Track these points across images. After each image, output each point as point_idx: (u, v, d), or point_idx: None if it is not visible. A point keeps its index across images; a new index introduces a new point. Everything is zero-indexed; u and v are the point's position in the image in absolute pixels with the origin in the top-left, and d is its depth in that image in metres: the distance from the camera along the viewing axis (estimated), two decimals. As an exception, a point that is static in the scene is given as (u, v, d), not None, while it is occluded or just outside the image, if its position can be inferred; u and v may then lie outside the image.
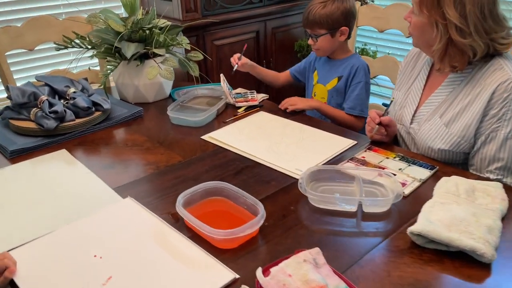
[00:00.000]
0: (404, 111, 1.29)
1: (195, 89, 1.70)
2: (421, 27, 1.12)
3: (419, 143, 1.22)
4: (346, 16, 1.50)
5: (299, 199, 1.02)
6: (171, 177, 1.13)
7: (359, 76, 1.54)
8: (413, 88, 1.29)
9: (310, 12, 1.50)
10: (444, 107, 1.17)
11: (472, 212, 0.89)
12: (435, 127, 1.17)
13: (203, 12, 2.44)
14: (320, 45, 1.53)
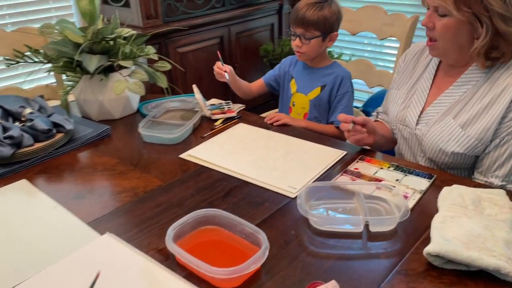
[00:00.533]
0: (408, 111, 1.23)
1: (166, 102, 1.58)
2: (456, 27, 1.04)
3: (428, 145, 1.16)
4: (339, 22, 1.45)
5: (298, 221, 0.93)
6: (153, 204, 1.02)
7: (346, 87, 1.48)
8: (417, 87, 1.23)
9: (306, 11, 1.41)
10: (457, 108, 1.12)
11: (485, 224, 0.84)
12: (448, 128, 1.12)
13: (164, 19, 2.31)
14: (309, 48, 1.45)
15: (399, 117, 1.25)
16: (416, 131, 1.20)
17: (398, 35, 1.62)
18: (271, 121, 1.42)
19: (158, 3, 2.25)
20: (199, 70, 2.55)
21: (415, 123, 1.20)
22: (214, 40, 2.60)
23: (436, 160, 1.16)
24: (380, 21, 1.66)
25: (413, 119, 1.21)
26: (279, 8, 2.92)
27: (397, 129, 1.27)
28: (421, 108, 1.20)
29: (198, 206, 1.00)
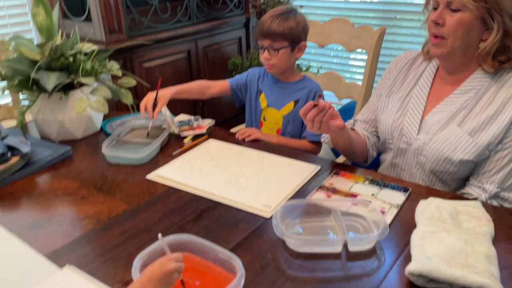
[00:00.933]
0: (405, 120, 1.19)
1: (131, 120, 1.51)
2: (469, 23, 1.02)
3: (431, 155, 1.11)
4: (306, 33, 1.43)
5: (274, 242, 0.89)
6: (118, 231, 0.94)
7: None
8: (413, 95, 1.20)
9: (272, 22, 1.37)
10: (461, 115, 1.09)
11: (464, 239, 0.83)
12: (454, 136, 1.08)
13: (128, 33, 2.24)
14: (278, 59, 1.42)
15: (395, 127, 1.20)
16: (416, 141, 1.15)
17: (366, 47, 1.62)
18: (243, 137, 1.37)
19: (121, 17, 2.18)
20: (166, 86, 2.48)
21: (415, 132, 1.16)
22: (181, 54, 2.54)
23: (439, 170, 1.12)
24: (348, 33, 1.66)
25: (412, 128, 1.16)
26: (246, 21, 2.90)
27: (392, 139, 1.22)
28: (420, 117, 1.17)
29: (168, 231, 0.94)
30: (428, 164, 1.13)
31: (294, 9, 1.42)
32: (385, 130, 1.22)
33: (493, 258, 0.79)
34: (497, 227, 0.89)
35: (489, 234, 0.85)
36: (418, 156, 1.15)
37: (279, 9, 1.40)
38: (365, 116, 1.32)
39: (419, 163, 1.15)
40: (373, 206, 0.95)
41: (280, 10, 1.40)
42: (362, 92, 1.64)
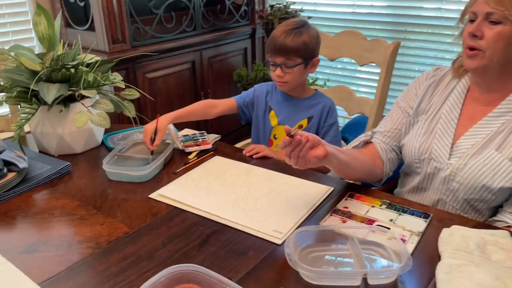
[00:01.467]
0: (434, 143, 1.11)
1: (133, 133, 1.45)
2: (510, 36, 0.95)
3: (466, 181, 1.04)
4: (318, 46, 1.36)
5: (287, 273, 0.82)
6: (118, 257, 0.88)
7: (333, 117, 1.39)
8: (441, 116, 1.12)
9: (286, 38, 1.30)
10: (499, 139, 1.02)
11: (495, 274, 0.76)
12: (493, 162, 1.01)
13: (132, 43, 2.19)
14: (291, 77, 1.35)
15: (423, 150, 1.13)
16: (448, 166, 1.07)
17: (379, 61, 1.56)
18: (250, 154, 1.31)
19: (125, 26, 2.14)
20: (170, 97, 2.44)
21: (446, 156, 1.08)
22: (185, 65, 2.49)
23: (475, 198, 1.04)
24: (360, 47, 1.61)
25: (443, 152, 1.08)
26: (252, 32, 2.86)
27: (419, 163, 1.14)
28: (451, 140, 1.09)
29: (171, 258, 0.87)
30: (462, 191, 1.05)
31: (306, 22, 1.36)
32: (412, 153, 1.14)
33: (529, 297, 0.72)
34: (528, 259, 0.82)
35: (522, 269, 0.78)
36: (450, 183, 1.07)
37: (291, 23, 1.34)
38: (385, 129, 1.21)
39: (451, 189, 1.07)
40: (393, 234, 0.88)
41: (292, 24, 1.33)
42: (374, 107, 1.58)
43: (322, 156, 0.93)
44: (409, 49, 2.56)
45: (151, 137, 1.27)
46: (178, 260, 0.86)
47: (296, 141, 0.90)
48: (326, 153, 0.94)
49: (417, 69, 2.57)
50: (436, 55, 2.48)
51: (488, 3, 0.95)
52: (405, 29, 2.55)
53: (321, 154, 0.93)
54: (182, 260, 0.86)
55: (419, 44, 2.53)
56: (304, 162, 0.93)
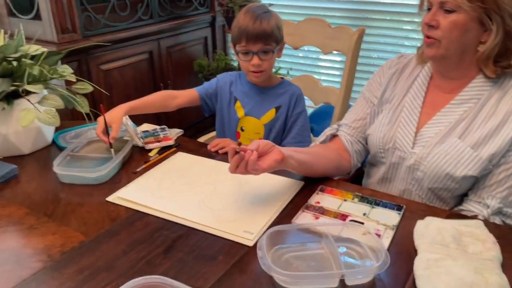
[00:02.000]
0: (398, 132, 1.09)
1: (88, 130, 1.34)
2: (464, 24, 0.94)
3: (429, 170, 1.02)
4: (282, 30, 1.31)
5: (260, 278, 0.77)
6: (74, 270, 0.79)
7: (301, 105, 1.34)
8: (404, 105, 1.10)
9: (261, 23, 1.23)
10: (461, 127, 1.01)
11: (473, 267, 0.74)
12: (456, 150, 0.99)
13: (83, 33, 2.05)
14: (269, 64, 1.29)
15: (387, 139, 1.10)
16: (412, 155, 1.05)
17: (344, 49, 1.53)
18: (216, 149, 1.24)
19: (75, 15, 1.99)
20: (127, 90, 2.31)
21: (410, 146, 1.06)
22: (142, 55, 2.37)
23: (439, 187, 1.03)
24: (324, 35, 1.57)
25: (407, 141, 1.07)
26: (212, 20, 2.76)
27: (384, 153, 1.12)
28: (415, 129, 1.07)
29: (134, 268, 0.80)
30: (426, 180, 1.04)
31: (266, 6, 1.31)
32: (377, 143, 1.12)
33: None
34: (502, 249, 0.81)
35: (498, 260, 0.77)
36: (414, 172, 1.05)
37: (255, 8, 1.26)
38: (351, 121, 1.19)
39: (416, 179, 1.06)
40: (367, 229, 0.85)
41: (257, 8, 1.26)
42: (340, 96, 1.55)
43: (279, 160, 0.92)
44: (369, 37, 2.56)
45: (103, 129, 1.17)
46: (141, 270, 0.79)
47: (241, 156, 0.89)
48: (282, 157, 0.93)
49: (376, 56, 2.58)
50: (396, 42, 2.48)
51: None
52: (366, 17, 2.54)
53: (277, 158, 0.92)
54: (146, 270, 0.79)
55: (380, 31, 2.53)
56: (257, 171, 0.91)
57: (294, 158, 0.99)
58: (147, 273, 0.77)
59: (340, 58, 2.67)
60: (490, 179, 0.98)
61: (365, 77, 2.49)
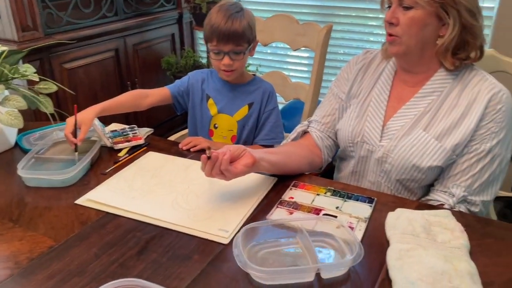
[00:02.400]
0: (366, 126, 1.11)
1: (53, 131, 1.30)
2: (422, 20, 0.97)
3: (397, 162, 1.05)
4: (255, 29, 1.30)
5: (236, 275, 0.77)
6: (43, 276, 0.77)
7: (273, 102, 1.35)
8: (371, 99, 1.12)
9: (232, 23, 1.21)
10: (425, 119, 1.03)
11: (443, 256, 0.77)
12: (421, 142, 1.02)
13: (45, 30, 1.98)
14: (241, 63, 1.28)
15: (355, 133, 1.12)
16: (380, 148, 1.08)
17: (312, 45, 1.54)
18: (188, 147, 1.23)
19: (36, 12, 1.91)
20: (92, 88, 2.25)
21: (378, 139, 1.08)
22: (108, 53, 2.31)
23: (406, 178, 1.06)
24: (293, 31, 1.58)
25: (374, 135, 1.09)
26: (179, 17, 2.72)
27: (353, 146, 1.13)
28: (382, 122, 1.09)
29: (106, 271, 0.78)
30: (394, 172, 1.06)
31: (239, 4, 1.29)
32: (346, 137, 1.14)
33: (476, 275, 0.73)
34: (469, 237, 0.84)
35: (466, 247, 0.80)
36: (383, 164, 1.08)
37: (228, 7, 1.25)
38: (320, 117, 1.21)
39: (384, 171, 1.08)
40: (340, 222, 0.86)
41: (230, 7, 1.25)
42: (310, 92, 1.56)
43: (250, 164, 0.94)
44: (336, 33, 2.59)
45: (73, 130, 1.13)
46: (114, 273, 0.77)
47: (213, 159, 0.90)
48: (254, 161, 0.95)
49: (342, 52, 2.62)
50: (361, 38, 2.53)
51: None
52: (332, 13, 2.57)
53: (249, 162, 0.94)
54: (119, 273, 0.77)
55: (346, 27, 2.57)
56: (230, 174, 0.93)
57: (265, 160, 1.00)
58: (120, 276, 0.76)
59: (308, 54, 2.70)
60: (455, 169, 1.01)
61: (333, 72, 2.52)
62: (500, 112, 0.98)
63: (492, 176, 1.00)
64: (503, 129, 0.99)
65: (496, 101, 0.98)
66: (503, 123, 0.99)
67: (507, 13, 1.99)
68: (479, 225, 0.90)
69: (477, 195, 1.00)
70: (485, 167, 0.99)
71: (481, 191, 1.01)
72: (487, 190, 1.01)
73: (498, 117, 0.98)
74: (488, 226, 0.91)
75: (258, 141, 1.34)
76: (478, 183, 1.00)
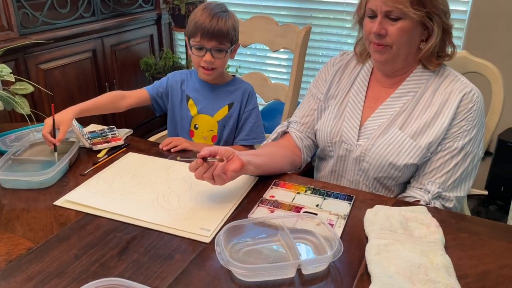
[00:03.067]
0: (344, 126, 1.13)
1: (29, 133, 1.28)
2: (411, 29, 1.00)
3: (375, 161, 1.07)
4: (238, 31, 1.31)
5: (218, 273, 0.77)
6: (22, 278, 0.76)
7: (252, 102, 1.36)
8: (349, 100, 1.14)
9: (218, 21, 1.22)
10: (401, 119, 1.06)
11: (420, 250, 0.79)
12: (397, 140, 1.05)
13: (20, 31, 1.94)
14: (221, 62, 1.29)
15: (334, 133, 1.14)
16: (357, 147, 1.10)
17: (291, 46, 1.56)
18: (168, 147, 1.23)
19: (10, 12, 1.87)
20: (69, 89, 2.22)
21: (355, 138, 1.11)
22: (85, 53, 2.28)
23: (383, 176, 1.08)
24: (272, 32, 1.59)
25: (352, 135, 1.11)
26: (157, 18, 2.71)
27: (332, 146, 1.15)
28: (359, 122, 1.11)
29: (87, 272, 0.77)
30: (371, 170, 1.09)
31: (225, 5, 1.30)
32: (324, 137, 1.16)
33: (451, 268, 0.76)
34: (444, 232, 0.86)
35: (441, 242, 0.83)
36: (361, 163, 1.10)
37: (215, 6, 1.27)
38: (299, 117, 1.23)
39: (362, 169, 1.11)
40: (320, 219, 0.88)
41: (217, 7, 1.26)
42: (290, 93, 1.58)
43: (239, 169, 0.95)
44: (315, 35, 2.63)
45: (51, 130, 1.12)
46: (95, 274, 0.77)
47: (210, 163, 0.92)
48: (242, 164, 0.95)
49: (321, 54, 2.66)
50: (339, 40, 2.57)
51: (386, 2, 0.99)
52: (311, 15, 2.61)
53: (237, 167, 0.95)
54: (100, 273, 0.77)
55: (324, 29, 2.60)
56: (222, 180, 0.93)
57: (252, 163, 1.01)
58: (101, 276, 0.75)
59: (287, 55, 2.72)
60: (429, 166, 1.05)
61: (312, 74, 2.55)
62: (471, 111, 1.02)
63: (465, 173, 1.04)
64: (474, 127, 1.02)
65: (468, 100, 1.02)
66: (474, 121, 1.02)
67: (479, 16, 2.06)
68: (454, 220, 0.93)
69: (451, 191, 1.04)
70: (458, 164, 1.03)
71: (454, 187, 1.04)
72: (461, 186, 1.05)
73: (469, 116, 1.02)
74: (462, 221, 0.94)
75: (239, 141, 1.35)
76: (451, 179, 1.03)
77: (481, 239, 0.88)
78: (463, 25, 2.14)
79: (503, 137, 2.07)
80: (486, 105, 1.13)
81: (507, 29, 2.03)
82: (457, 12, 2.15)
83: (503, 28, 2.04)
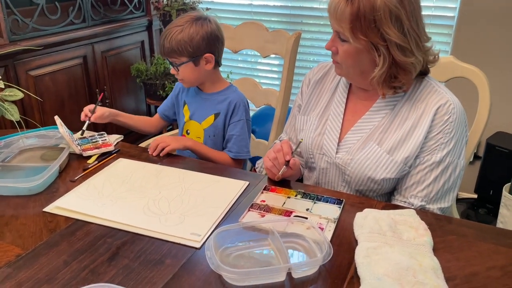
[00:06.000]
0: (325, 139, 1.13)
1: (19, 139, 1.27)
2: (356, 54, 0.99)
3: (354, 174, 1.07)
4: (209, 41, 1.27)
5: (209, 278, 0.77)
6: (11, 285, 0.75)
7: (239, 114, 1.34)
8: (330, 112, 1.14)
9: (166, 37, 1.25)
10: (379, 133, 1.06)
11: (408, 253, 0.80)
12: (375, 155, 1.05)
13: (10, 37, 1.93)
14: (183, 75, 1.30)
15: (315, 145, 1.15)
16: (337, 160, 1.10)
17: (282, 52, 1.57)
18: (156, 153, 1.23)
19: (0, 18, 1.87)
20: (60, 96, 2.21)
21: (334, 151, 1.11)
22: (76, 60, 2.27)
23: (364, 189, 1.09)
24: (262, 38, 1.60)
25: (331, 148, 1.11)
26: (148, 24, 2.71)
27: (313, 158, 1.16)
28: (338, 135, 1.11)
29: (77, 278, 0.77)
30: (353, 183, 1.10)
31: (199, 18, 1.28)
32: (306, 149, 1.16)
33: (439, 270, 0.77)
34: (432, 235, 0.87)
35: (429, 244, 0.84)
36: (343, 175, 1.11)
37: (178, 18, 1.30)
38: (287, 130, 1.27)
39: (345, 181, 1.11)
40: (311, 223, 0.88)
41: (178, 20, 1.29)
42: (280, 98, 1.59)
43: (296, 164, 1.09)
44: (305, 40, 2.65)
45: (91, 108, 1.33)
46: (85, 279, 0.77)
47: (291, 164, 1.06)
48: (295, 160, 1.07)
49: (311, 59, 2.68)
50: (330, 46, 2.59)
51: (332, 23, 0.99)
52: (301, 21, 2.63)
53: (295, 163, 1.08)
54: (90, 279, 0.77)
55: (315, 35, 2.63)
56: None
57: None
58: (91, 282, 0.75)
59: (278, 61, 2.74)
60: (410, 180, 1.05)
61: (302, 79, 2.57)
62: (447, 123, 1.00)
63: (446, 185, 1.03)
64: (452, 139, 1.01)
65: (443, 113, 1.01)
66: (451, 133, 1.01)
67: (466, 21, 2.09)
68: (442, 223, 0.95)
69: (434, 203, 1.04)
70: (438, 177, 1.02)
71: (438, 199, 1.04)
72: (444, 198, 1.05)
73: (445, 128, 1.01)
74: (450, 224, 0.95)
75: (228, 152, 1.36)
76: (434, 192, 1.03)
77: (469, 241, 0.89)
78: (451, 30, 2.17)
79: (491, 141, 2.10)
80: (474, 110, 1.14)
81: (494, 34, 2.07)
82: (444, 18, 2.19)
83: (491, 34, 2.07)
